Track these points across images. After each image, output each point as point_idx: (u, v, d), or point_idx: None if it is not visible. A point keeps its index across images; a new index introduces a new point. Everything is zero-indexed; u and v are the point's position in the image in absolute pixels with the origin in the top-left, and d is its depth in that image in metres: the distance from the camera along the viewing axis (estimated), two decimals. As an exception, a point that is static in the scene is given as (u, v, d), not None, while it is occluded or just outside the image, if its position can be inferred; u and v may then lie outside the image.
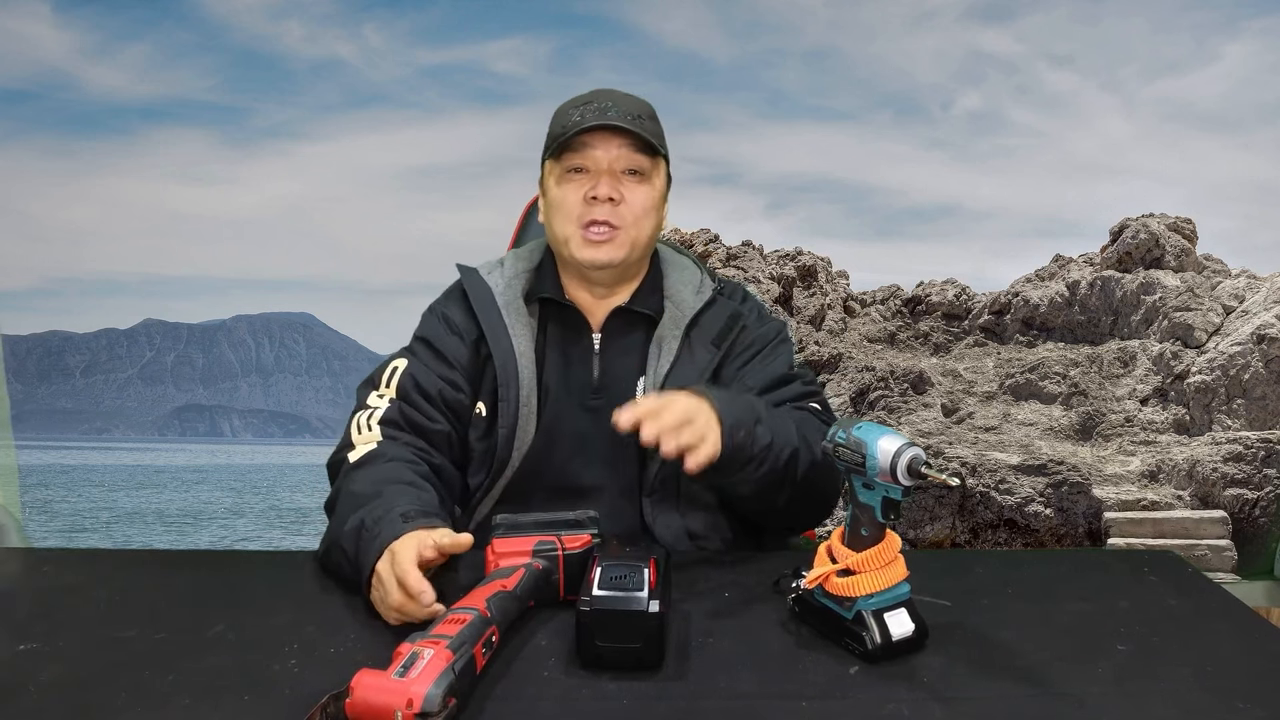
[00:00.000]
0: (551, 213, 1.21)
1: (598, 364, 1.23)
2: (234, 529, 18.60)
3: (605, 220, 1.17)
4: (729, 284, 1.32)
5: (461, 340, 1.23)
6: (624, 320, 1.24)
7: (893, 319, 9.88)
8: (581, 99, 1.20)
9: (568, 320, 1.25)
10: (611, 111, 1.17)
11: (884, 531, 0.84)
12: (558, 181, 1.19)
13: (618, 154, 1.17)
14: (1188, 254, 9.05)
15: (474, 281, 1.25)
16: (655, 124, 1.22)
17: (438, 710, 0.67)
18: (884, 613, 0.83)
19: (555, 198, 1.20)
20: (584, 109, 1.18)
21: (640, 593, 0.80)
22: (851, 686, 0.78)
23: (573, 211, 1.18)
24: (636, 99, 1.23)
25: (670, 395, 0.99)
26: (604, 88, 1.23)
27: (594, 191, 1.17)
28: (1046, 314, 9.30)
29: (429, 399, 1.18)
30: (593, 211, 1.17)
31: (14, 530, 2.19)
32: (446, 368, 1.21)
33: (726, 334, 1.23)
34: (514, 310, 1.22)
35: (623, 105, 1.19)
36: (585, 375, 1.23)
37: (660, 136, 1.21)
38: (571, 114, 1.19)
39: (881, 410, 8.34)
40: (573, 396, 1.22)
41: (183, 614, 0.92)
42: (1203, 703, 0.75)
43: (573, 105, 1.20)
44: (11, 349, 37.94)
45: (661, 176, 1.22)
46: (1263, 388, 7.58)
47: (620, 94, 1.21)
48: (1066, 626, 0.90)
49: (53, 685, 0.77)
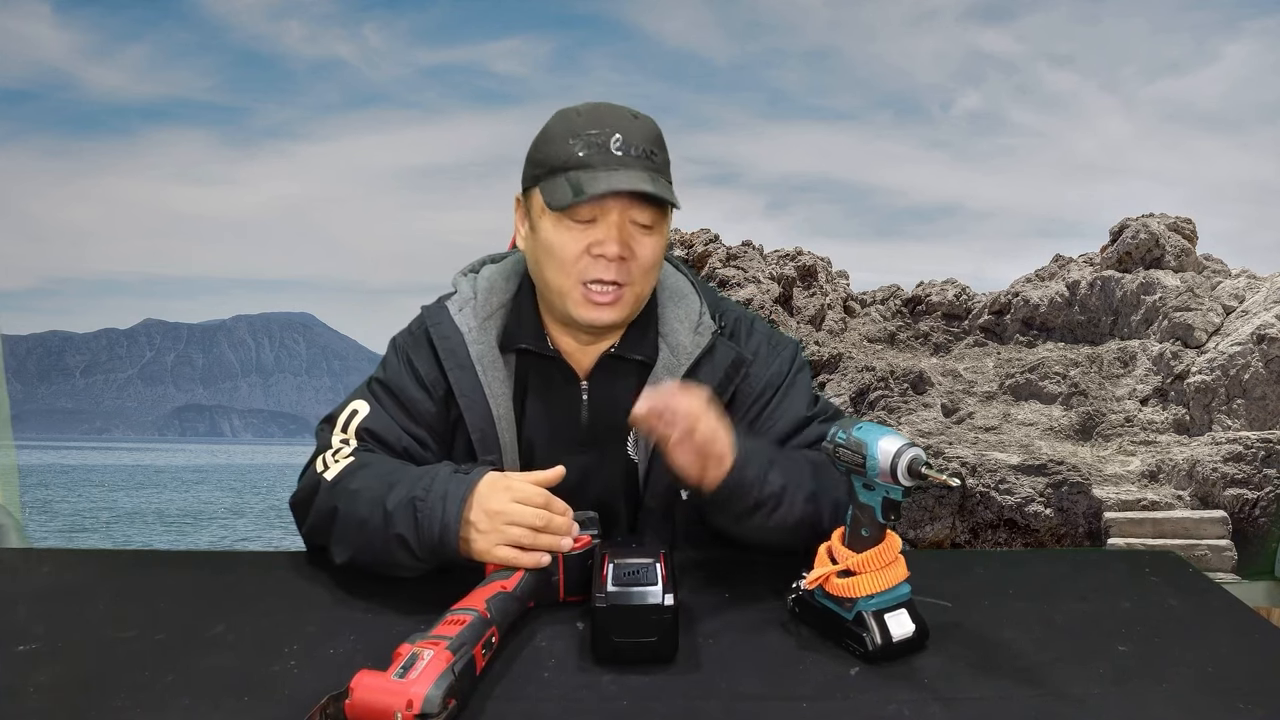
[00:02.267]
0: (544, 257, 1.05)
1: (586, 413, 1.12)
2: (234, 529, 18.60)
3: (612, 280, 1.03)
4: (731, 312, 1.17)
5: (429, 395, 1.10)
6: (614, 366, 1.12)
7: (893, 319, 9.88)
8: (582, 124, 1.03)
9: (551, 368, 1.13)
10: (622, 152, 1.01)
11: (884, 532, 0.84)
12: (555, 225, 1.03)
13: (630, 206, 1.02)
14: (1188, 254, 9.05)
15: (443, 330, 1.11)
16: (664, 153, 1.06)
17: (437, 711, 0.67)
18: (884, 613, 0.83)
19: (551, 244, 1.04)
20: (588, 142, 1.01)
21: (655, 587, 0.81)
22: (852, 687, 0.78)
23: (573, 265, 1.03)
24: (644, 122, 1.05)
25: (704, 402, 0.92)
26: (603, 104, 1.06)
27: (601, 250, 1.02)
28: (1046, 314, 9.30)
29: (393, 453, 1.08)
30: (597, 269, 1.03)
31: (14, 530, 2.19)
32: (411, 422, 1.10)
33: (728, 384, 1.11)
34: (489, 363, 1.10)
35: (635, 139, 1.02)
36: (573, 426, 1.12)
37: (669, 167, 1.07)
38: (574, 147, 1.01)
39: (881, 410, 8.34)
40: (558, 449, 1.11)
41: (183, 614, 0.92)
42: (1203, 703, 0.75)
43: (572, 132, 1.02)
44: (11, 349, 37.61)
45: (670, 218, 1.08)
46: (1263, 388, 7.58)
47: (626, 116, 1.04)
48: (1066, 626, 0.90)
49: (53, 685, 0.77)
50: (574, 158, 1.01)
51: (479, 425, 1.09)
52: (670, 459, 0.93)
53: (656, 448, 1.08)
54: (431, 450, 1.10)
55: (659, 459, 1.08)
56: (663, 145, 1.06)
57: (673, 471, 0.96)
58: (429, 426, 1.11)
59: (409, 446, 1.09)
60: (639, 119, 1.05)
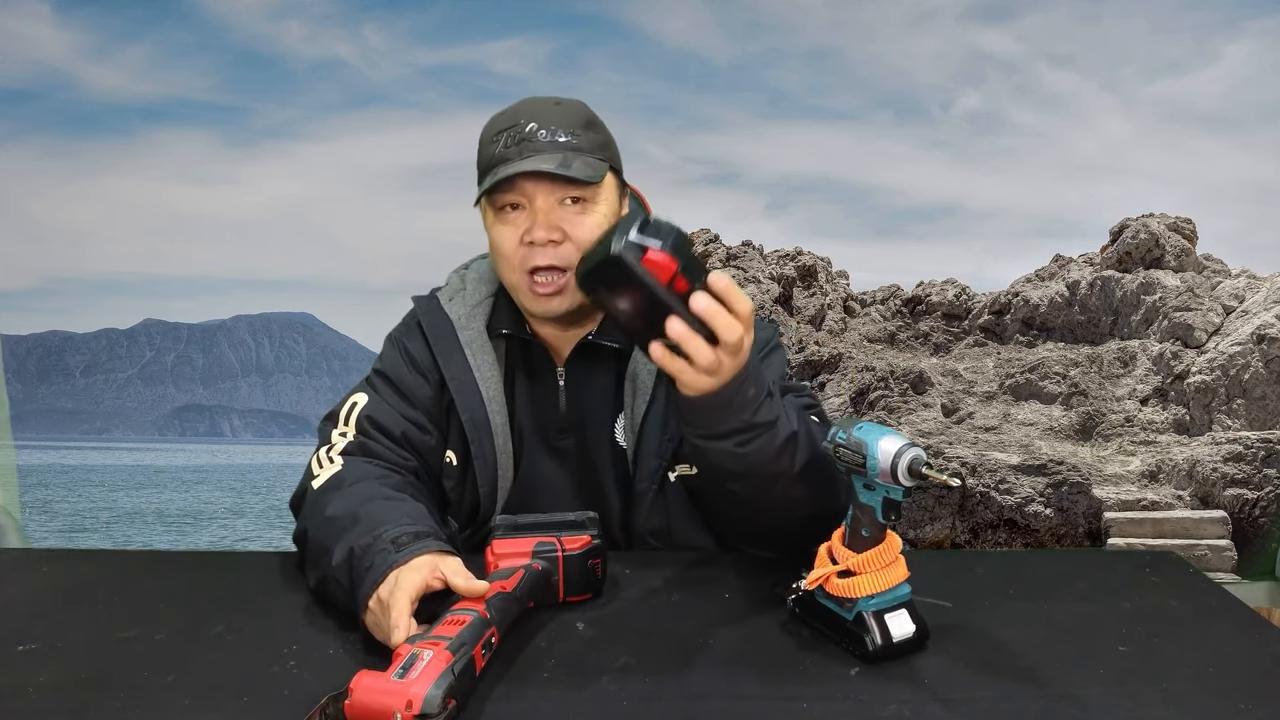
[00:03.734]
0: (494, 256, 1.10)
1: (564, 401, 1.14)
2: (234, 529, 18.62)
3: (550, 265, 1.05)
4: None
5: (425, 380, 1.14)
6: (591, 354, 1.14)
7: (893, 319, 9.89)
8: (504, 120, 1.07)
9: (533, 353, 1.16)
10: (537, 139, 1.04)
11: (884, 532, 0.84)
12: (494, 222, 1.08)
13: (552, 189, 1.05)
14: (1188, 254, 9.06)
15: (433, 318, 1.15)
16: (593, 132, 1.09)
17: (437, 712, 0.67)
18: (885, 614, 0.83)
19: (493, 240, 1.09)
20: (505, 136, 1.05)
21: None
22: (852, 687, 0.77)
23: (513, 257, 1.07)
24: (567, 108, 1.09)
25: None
26: (528, 99, 1.10)
27: (530, 235, 1.05)
28: (1046, 314, 9.30)
29: (392, 439, 1.10)
30: (534, 257, 1.05)
31: (14, 530, 2.19)
32: (409, 407, 1.13)
33: None
34: (478, 347, 1.13)
35: (551, 123, 1.06)
36: (553, 412, 1.15)
37: (602, 147, 1.09)
38: (496, 143, 1.06)
39: (881, 410, 8.35)
40: (545, 434, 1.15)
41: (183, 614, 0.92)
42: (1204, 703, 0.75)
43: (496, 129, 1.07)
44: (11, 349, 37.83)
45: (612, 190, 1.10)
46: (1263, 388, 7.58)
47: (547, 104, 1.08)
48: (1067, 627, 0.90)
49: (53, 685, 0.77)
50: (494, 154, 1.06)
51: (469, 407, 1.11)
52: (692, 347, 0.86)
53: (642, 430, 1.10)
54: (430, 434, 1.13)
55: (645, 442, 1.11)
56: (591, 125, 1.09)
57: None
58: (426, 411, 1.13)
59: (408, 431, 1.11)
60: (561, 104, 1.09)
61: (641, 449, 1.11)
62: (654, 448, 1.10)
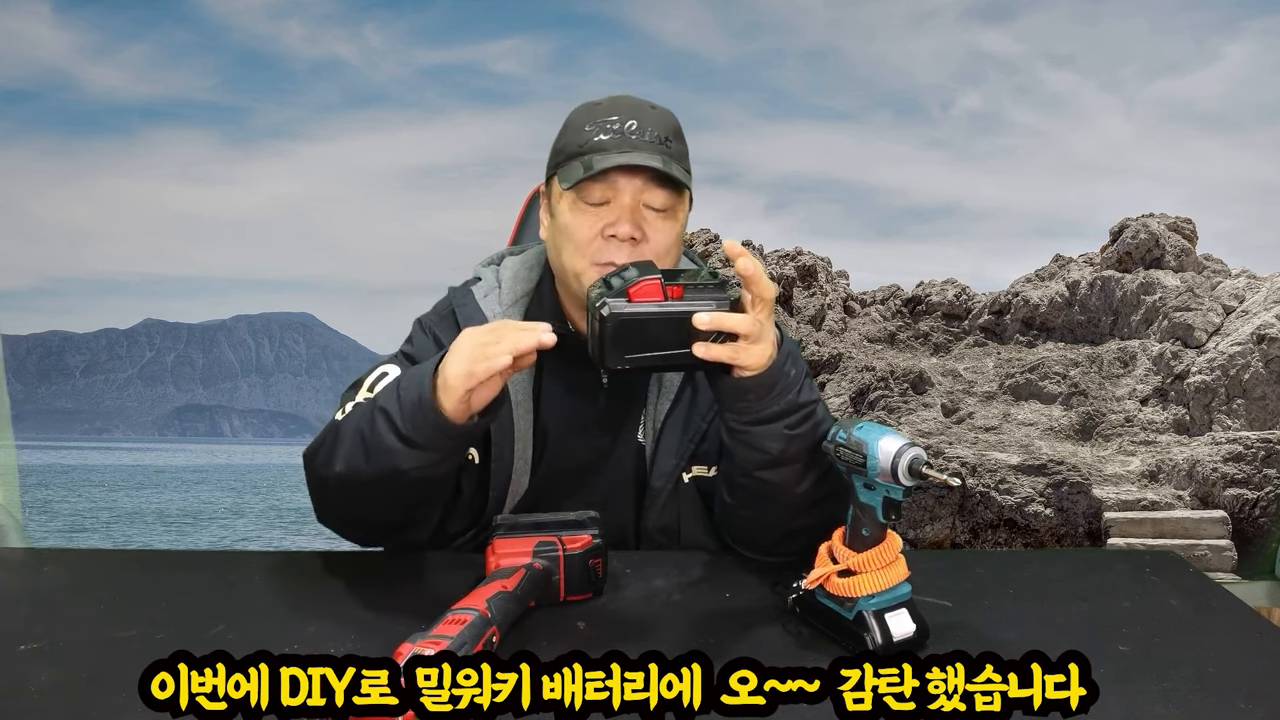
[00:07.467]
0: (561, 240, 1.09)
1: (604, 398, 1.14)
2: (234, 529, 18.61)
3: (625, 262, 1.03)
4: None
5: None
6: None
7: (893, 319, 9.88)
8: (601, 112, 1.08)
9: (572, 351, 1.08)
10: (636, 136, 1.05)
11: (885, 532, 0.84)
12: (571, 208, 1.07)
13: (643, 188, 1.05)
14: (1188, 254, 9.05)
15: (468, 312, 1.14)
16: (682, 144, 1.10)
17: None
18: (885, 613, 0.83)
19: (567, 225, 1.07)
20: (605, 128, 1.06)
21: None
22: (852, 687, 0.77)
23: (587, 246, 1.06)
24: (662, 113, 1.10)
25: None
26: (624, 96, 1.11)
27: (614, 230, 1.04)
28: (1046, 314, 9.30)
29: None
30: (609, 251, 1.05)
31: (14, 530, 2.19)
32: None
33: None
34: None
35: (650, 125, 1.06)
36: (591, 410, 1.14)
37: (687, 158, 1.10)
38: (591, 132, 1.06)
39: (881, 410, 8.35)
40: (575, 433, 1.14)
41: (183, 614, 0.91)
42: (1204, 703, 0.75)
43: (591, 119, 1.07)
44: (11, 349, 37.67)
45: (686, 206, 1.11)
46: (1263, 388, 7.58)
47: (644, 106, 1.09)
48: (1066, 626, 0.90)
49: (53, 685, 0.77)
50: (590, 142, 1.05)
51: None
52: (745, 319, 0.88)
53: (664, 429, 1.12)
54: None
55: (665, 441, 1.12)
56: (680, 136, 1.10)
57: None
58: None
59: None
60: (657, 109, 1.10)
61: (661, 447, 1.12)
62: (674, 446, 1.11)
